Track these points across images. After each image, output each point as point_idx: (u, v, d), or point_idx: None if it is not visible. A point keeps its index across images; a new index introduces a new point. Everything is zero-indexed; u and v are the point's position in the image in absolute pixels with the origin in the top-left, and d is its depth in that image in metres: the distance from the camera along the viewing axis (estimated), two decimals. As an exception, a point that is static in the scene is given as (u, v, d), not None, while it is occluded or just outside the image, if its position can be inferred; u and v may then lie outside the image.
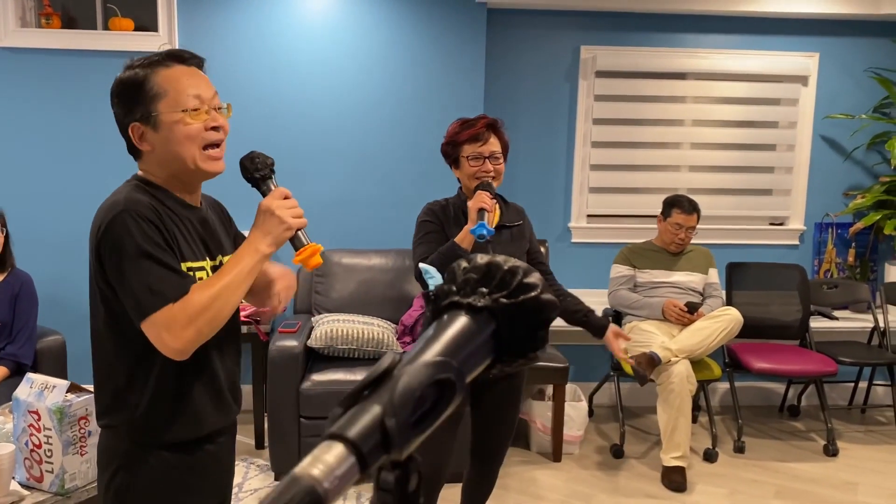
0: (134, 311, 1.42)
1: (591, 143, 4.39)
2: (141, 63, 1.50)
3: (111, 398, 1.51)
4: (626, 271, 3.87)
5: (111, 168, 3.98)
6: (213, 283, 1.44)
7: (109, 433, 1.54)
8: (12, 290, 3.13)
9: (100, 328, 1.51)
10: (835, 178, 4.56)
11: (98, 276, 1.47)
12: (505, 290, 0.67)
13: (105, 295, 1.47)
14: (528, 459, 3.71)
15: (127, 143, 1.54)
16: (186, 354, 1.42)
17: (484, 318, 0.66)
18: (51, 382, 2.12)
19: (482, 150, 2.37)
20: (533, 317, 0.67)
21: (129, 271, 1.40)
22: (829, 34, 4.41)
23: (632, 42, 4.32)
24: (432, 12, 3.99)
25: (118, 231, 1.41)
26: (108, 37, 3.87)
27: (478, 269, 0.68)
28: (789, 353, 3.98)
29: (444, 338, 0.63)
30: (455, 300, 0.67)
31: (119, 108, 1.51)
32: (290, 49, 3.97)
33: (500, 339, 0.67)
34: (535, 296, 0.67)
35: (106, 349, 1.51)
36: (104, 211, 1.45)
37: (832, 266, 4.60)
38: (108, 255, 1.42)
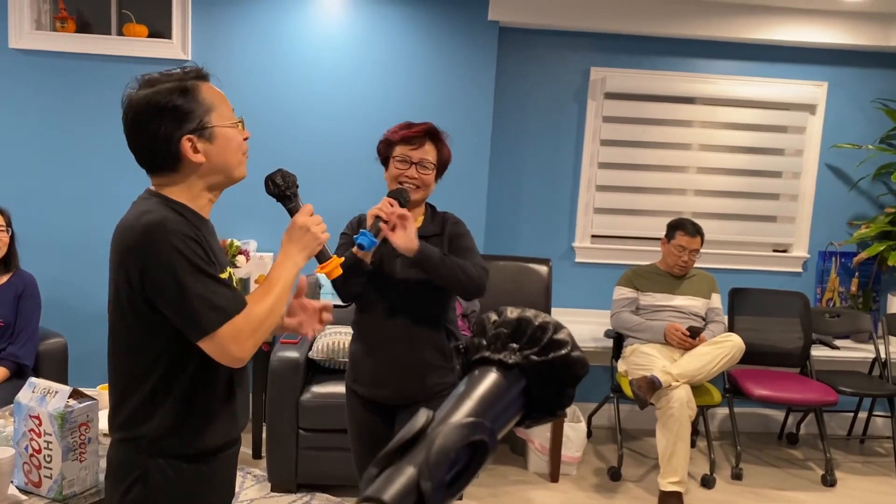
0: (193, 329, 1.45)
1: (598, 164, 4.41)
2: (177, 78, 1.53)
3: (133, 411, 1.53)
4: (629, 294, 3.87)
5: (119, 172, 4.00)
6: (266, 294, 1.52)
7: (127, 446, 1.55)
8: (16, 290, 3.13)
9: (126, 343, 1.53)
10: (840, 208, 4.57)
11: (133, 295, 1.48)
12: (535, 346, 0.67)
13: (140, 312, 1.49)
14: (525, 479, 3.70)
15: (157, 157, 1.53)
16: (244, 363, 1.51)
17: (514, 375, 0.66)
18: (53, 388, 2.12)
19: (411, 155, 2.23)
20: (563, 374, 0.67)
21: (186, 291, 1.43)
22: (838, 64, 4.43)
23: (642, 65, 4.35)
24: (445, 29, 4.02)
25: (167, 251, 1.43)
26: (122, 42, 3.90)
27: (508, 323, 0.68)
28: (790, 380, 3.98)
29: (476, 395, 0.63)
30: (486, 356, 0.67)
31: (166, 123, 1.50)
32: (301, 60, 3.99)
33: (530, 396, 0.67)
34: (566, 353, 0.67)
35: (131, 364, 1.53)
36: (141, 231, 1.45)
37: (835, 295, 4.60)
38: (157, 275, 1.44)
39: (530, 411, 0.67)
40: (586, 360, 0.69)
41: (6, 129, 3.90)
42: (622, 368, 3.80)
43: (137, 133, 1.53)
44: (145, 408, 1.52)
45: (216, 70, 4.19)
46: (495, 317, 0.69)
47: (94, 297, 4.03)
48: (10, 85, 3.88)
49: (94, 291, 4.03)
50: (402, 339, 2.24)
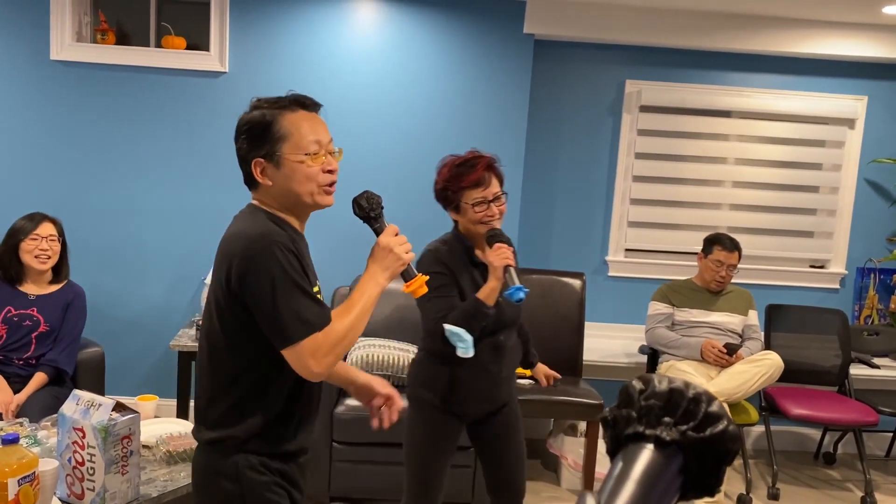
0: (278, 336, 1.54)
1: (633, 178, 4.37)
2: (269, 105, 1.66)
3: (226, 412, 1.61)
4: (664, 309, 3.82)
5: (155, 183, 4.03)
6: (348, 312, 1.58)
7: (217, 447, 1.63)
8: (66, 298, 3.19)
9: (224, 347, 1.61)
10: (879, 223, 4.49)
11: (232, 301, 1.56)
12: (691, 421, 0.65)
13: (237, 316, 1.57)
14: (558, 496, 3.67)
15: (245, 174, 1.68)
16: (323, 378, 1.59)
17: (671, 452, 0.64)
18: (97, 400, 2.13)
19: (486, 194, 2.26)
20: (720, 451, 0.65)
21: (279, 300, 1.52)
22: (878, 78, 4.36)
23: (677, 78, 4.31)
24: (481, 42, 4.01)
25: (269, 262, 1.53)
26: (161, 54, 3.94)
27: (659, 395, 0.66)
28: (828, 399, 3.90)
29: (635, 475, 0.61)
30: (640, 431, 0.65)
31: (244, 144, 1.65)
32: (337, 72, 4.01)
33: (688, 474, 0.65)
34: (723, 429, 0.65)
35: (227, 366, 1.61)
36: (247, 241, 1.55)
37: (873, 312, 4.52)
38: (256, 283, 1.53)
39: (686, 490, 0.65)
40: (740, 434, 0.67)
41: (46, 140, 3.96)
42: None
43: (235, 148, 1.68)
44: (238, 409, 1.60)
45: (253, 82, 4.25)
46: (641, 386, 0.67)
47: (128, 306, 4.07)
48: (52, 96, 3.93)
49: (128, 300, 4.07)
50: (501, 361, 2.36)
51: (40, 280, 3.17)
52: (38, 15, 3.86)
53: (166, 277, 4.08)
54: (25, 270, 3.14)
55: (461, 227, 2.36)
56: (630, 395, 0.67)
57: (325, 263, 4.12)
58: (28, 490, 1.96)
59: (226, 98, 3.99)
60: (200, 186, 4.04)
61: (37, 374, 3.06)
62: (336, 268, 4.10)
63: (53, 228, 3.18)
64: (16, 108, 3.93)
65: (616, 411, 0.67)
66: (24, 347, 3.08)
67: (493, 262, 2.20)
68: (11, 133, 3.94)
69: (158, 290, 4.09)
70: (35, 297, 3.14)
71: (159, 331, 4.07)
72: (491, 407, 2.41)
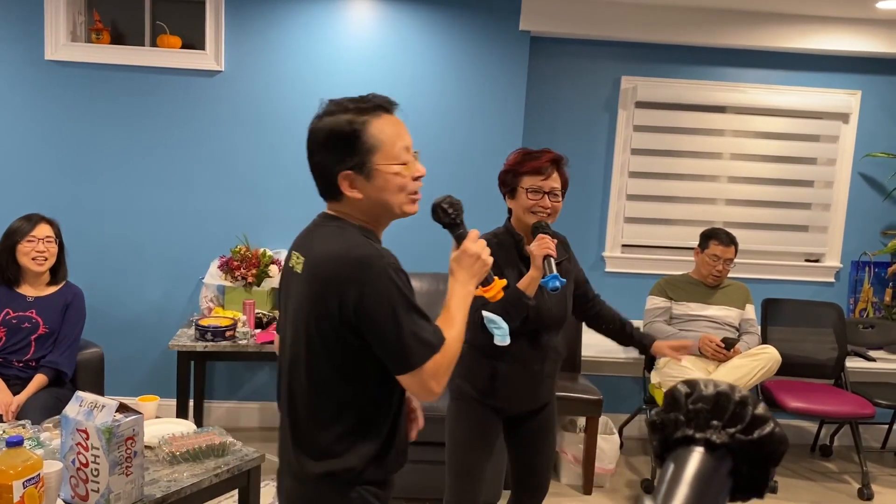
0: (401, 362, 1.45)
1: (629, 173, 4.39)
2: (353, 111, 1.52)
3: (335, 442, 1.52)
4: (662, 303, 3.84)
5: (153, 182, 4.02)
6: (452, 325, 1.52)
7: (330, 481, 1.53)
8: (65, 300, 3.17)
9: (333, 375, 1.51)
10: (873, 217, 4.52)
11: (341, 326, 1.46)
12: (739, 424, 0.66)
13: (348, 343, 1.48)
14: (559, 491, 3.68)
15: (325, 186, 1.56)
16: (438, 398, 1.50)
17: (720, 455, 0.65)
18: (100, 402, 2.13)
19: (543, 185, 2.28)
20: (769, 453, 0.67)
21: (400, 326, 1.43)
22: (871, 72, 4.38)
23: (672, 74, 4.32)
24: (476, 39, 4.01)
25: (386, 286, 1.44)
26: (156, 53, 3.93)
27: (707, 399, 0.67)
28: (825, 392, 3.93)
29: (687, 478, 0.62)
30: (689, 434, 0.65)
31: (328, 156, 1.52)
32: (332, 70, 4.00)
33: (737, 477, 0.66)
34: (771, 431, 0.66)
35: (338, 394, 1.52)
36: (357, 263, 1.45)
37: (868, 305, 4.55)
38: (375, 310, 1.43)
39: (735, 492, 0.66)
40: (787, 437, 0.68)
41: (42, 140, 3.94)
42: (655, 380, 3.77)
43: (310, 159, 1.56)
44: (350, 437, 1.51)
45: (248, 81, 4.24)
46: (687, 390, 0.68)
47: (126, 306, 4.06)
48: (47, 96, 3.91)
49: (126, 300, 4.06)
50: (543, 360, 2.35)
51: (38, 282, 3.16)
52: (32, 15, 3.84)
53: (164, 277, 4.07)
54: (23, 272, 3.13)
55: (513, 219, 2.37)
56: (677, 399, 0.68)
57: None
58: (33, 492, 1.97)
59: (222, 97, 3.98)
60: (197, 186, 4.03)
61: (36, 375, 3.05)
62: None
63: (50, 230, 3.16)
64: (11, 109, 3.91)
65: (664, 415, 0.68)
66: (24, 350, 3.07)
67: (533, 251, 2.19)
68: (7, 133, 3.92)
69: (156, 290, 4.08)
70: (34, 299, 3.13)
71: (158, 331, 4.06)
72: (530, 405, 2.40)
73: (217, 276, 3.84)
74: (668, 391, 0.69)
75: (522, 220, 2.32)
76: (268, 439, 4.02)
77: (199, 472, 2.33)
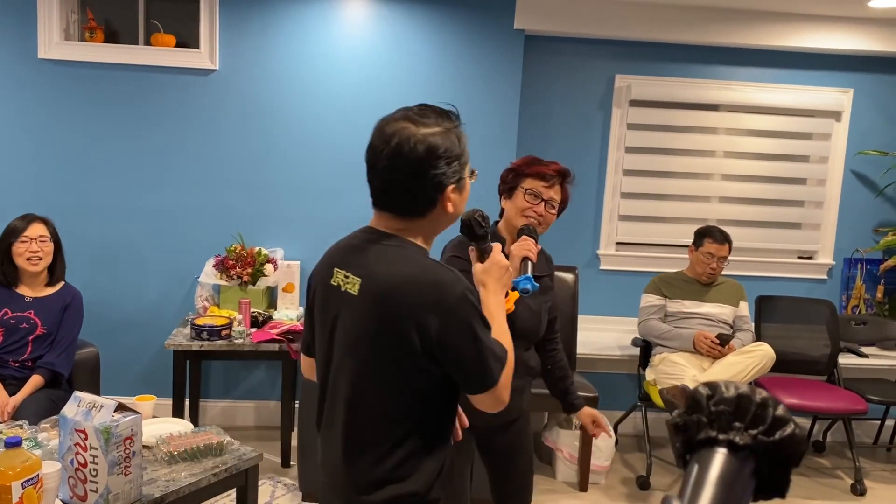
0: (482, 381, 1.44)
1: (623, 171, 4.40)
2: (449, 121, 1.51)
3: (399, 465, 1.46)
4: (656, 301, 3.86)
5: (147, 181, 4.01)
6: (503, 335, 1.52)
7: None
8: (63, 301, 3.17)
9: (404, 401, 1.46)
10: (865, 214, 4.55)
11: (418, 351, 1.41)
12: (761, 425, 0.67)
13: (422, 368, 1.43)
14: (554, 488, 3.70)
15: (424, 201, 1.47)
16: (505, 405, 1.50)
17: (743, 456, 0.67)
18: (98, 402, 2.13)
19: (543, 191, 2.25)
20: (790, 453, 0.68)
21: (482, 346, 1.42)
22: (864, 71, 4.41)
23: (666, 72, 4.34)
24: (471, 37, 4.02)
25: (467, 311, 1.41)
26: (150, 52, 3.92)
27: (728, 401, 0.68)
28: (818, 389, 3.96)
29: (712, 478, 0.63)
30: (712, 436, 0.67)
31: (442, 170, 1.45)
32: (327, 69, 4.00)
33: (759, 477, 0.68)
34: (792, 432, 0.67)
35: (410, 420, 1.47)
36: (438, 288, 1.40)
37: (860, 302, 4.58)
38: (457, 332, 1.40)
39: (758, 492, 0.68)
40: (805, 437, 0.70)
41: (35, 140, 3.93)
42: (650, 377, 3.79)
43: (408, 173, 1.44)
44: (413, 460, 1.47)
45: (244, 79, 4.23)
46: (708, 392, 0.69)
47: (122, 306, 4.05)
48: (40, 95, 3.90)
49: (122, 300, 4.05)
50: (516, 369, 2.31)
51: (35, 282, 3.15)
52: (25, 13, 3.82)
53: (159, 276, 4.07)
54: (20, 273, 3.12)
55: (503, 222, 2.34)
56: (698, 401, 0.69)
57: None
58: (32, 493, 1.96)
59: (216, 96, 3.98)
60: (191, 185, 4.02)
61: (33, 376, 3.04)
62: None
63: (44, 229, 3.15)
64: (3, 108, 3.89)
65: (686, 417, 0.69)
66: (21, 350, 3.06)
67: (512, 251, 2.14)
68: (0, 133, 3.90)
69: (151, 290, 4.07)
70: (32, 300, 3.12)
71: (153, 330, 4.06)
72: (498, 420, 2.28)
73: (212, 275, 3.84)
74: (689, 393, 0.71)
75: (512, 221, 2.28)
76: (263, 438, 4.03)
77: (197, 471, 2.33)
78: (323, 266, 1.59)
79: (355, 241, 1.54)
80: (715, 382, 0.70)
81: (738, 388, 0.69)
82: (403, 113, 1.52)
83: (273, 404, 4.19)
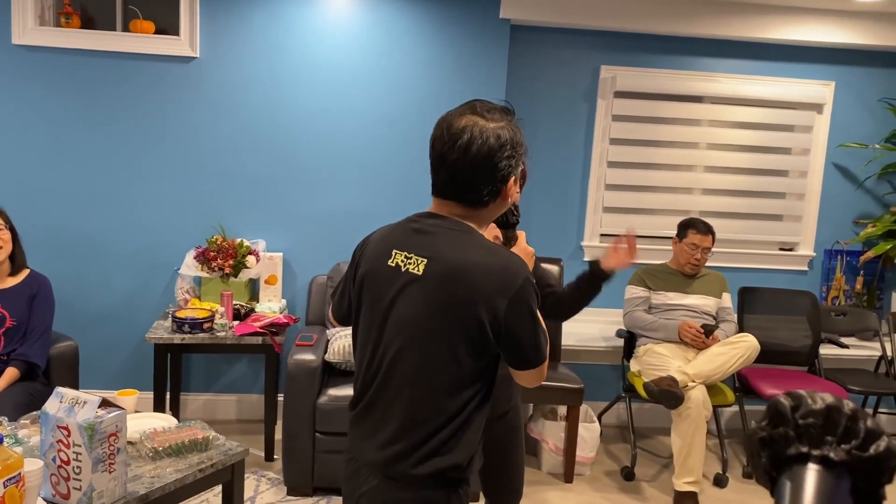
0: (532, 360, 1.53)
1: (608, 163, 4.39)
2: (511, 114, 1.58)
3: (443, 442, 1.52)
4: (641, 292, 3.86)
5: (125, 170, 3.93)
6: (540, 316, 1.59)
7: (439, 480, 1.53)
8: (30, 291, 3.08)
9: (463, 378, 1.51)
10: (846, 206, 4.59)
11: (482, 334, 1.48)
12: (853, 439, 0.64)
13: (478, 351, 1.50)
14: (539, 480, 3.70)
15: (492, 190, 1.53)
16: None
17: (839, 472, 0.63)
18: (81, 398, 2.07)
19: None
20: (885, 468, 0.64)
21: (537, 330, 1.52)
22: (845, 63, 4.44)
23: (651, 64, 4.33)
24: (456, 26, 3.98)
25: (530, 295, 1.50)
26: (128, 39, 3.83)
27: (817, 413, 0.64)
28: (800, 380, 3.99)
29: (809, 497, 0.60)
30: (804, 451, 0.63)
31: (513, 158, 1.53)
32: (309, 57, 3.94)
33: (857, 495, 0.64)
34: (888, 446, 0.64)
35: (463, 397, 1.52)
36: (508, 274, 1.48)
37: (840, 293, 4.63)
38: (521, 318, 1.49)
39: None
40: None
41: (9, 127, 3.82)
42: (635, 368, 3.80)
43: (480, 165, 1.50)
44: (458, 434, 1.53)
45: (225, 67, 4.15)
46: (792, 403, 0.65)
47: (99, 298, 3.97)
48: (14, 82, 3.79)
49: (99, 291, 3.97)
50: None
51: None
52: (-2, -2, 3.72)
53: (138, 267, 3.99)
54: None
55: None
56: (782, 413, 0.66)
57: (303, 253, 4.08)
58: (14, 492, 1.91)
59: (197, 84, 3.90)
60: (171, 174, 3.95)
61: (8, 369, 2.96)
62: (312, 258, 4.07)
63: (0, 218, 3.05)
64: (-24, 95, 3.79)
65: (772, 430, 0.65)
66: (-7, 344, 2.98)
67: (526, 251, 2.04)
68: (-28, 121, 3.80)
69: (131, 282, 3.99)
70: None
71: (132, 322, 3.98)
72: (492, 412, 2.31)
73: (193, 266, 3.77)
74: (771, 404, 0.68)
75: None
76: (246, 432, 3.98)
77: (182, 467, 2.29)
78: (378, 248, 1.61)
79: (416, 224, 1.58)
80: (798, 393, 0.67)
81: (825, 399, 0.66)
82: (470, 107, 1.57)
83: (256, 398, 4.14)
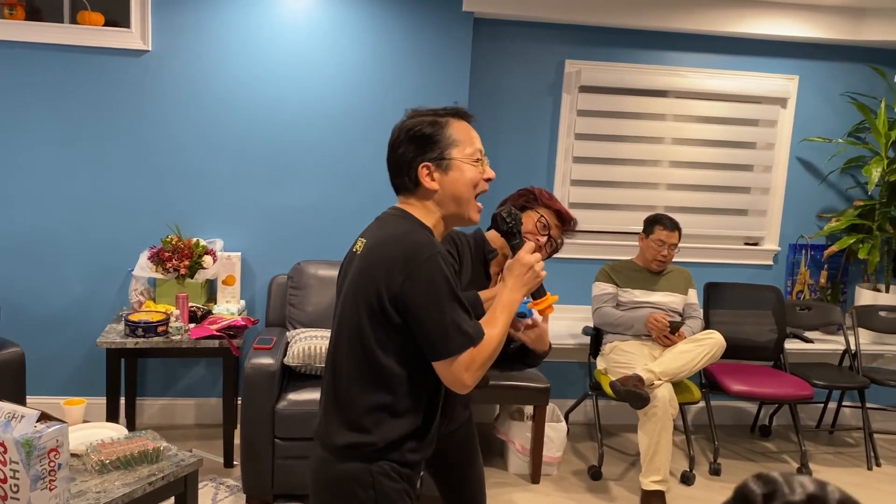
0: (438, 348, 1.53)
1: (573, 158, 4.34)
2: (433, 113, 1.70)
3: (364, 417, 1.59)
4: (609, 289, 3.82)
5: (72, 168, 3.78)
6: (495, 325, 1.59)
7: (351, 453, 1.60)
8: None
9: (371, 352, 1.57)
10: (810, 201, 4.60)
11: (385, 306, 1.54)
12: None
13: (393, 323, 1.55)
14: (506, 481, 3.64)
15: (403, 176, 1.67)
16: (468, 391, 1.58)
17: None
18: (19, 412, 1.96)
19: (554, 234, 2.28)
20: None
21: (444, 313, 1.51)
22: (809, 58, 4.44)
23: (616, 58, 4.29)
24: (419, 19, 3.89)
25: (433, 273, 1.52)
26: (76, 31, 3.67)
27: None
28: (765, 375, 3.99)
29: None
30: None
31: (409, 148, 1.65)
32: (268, 51, 3.82)
33: None
34: None
35: (373, 372, 1.58)
36: (410, 247, 1.54)
37: (805, 287, 4.64)
38: (420, 292, 1.51)
39: None
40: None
41: (-50, 124, 3.65)
42: (601, 366, 3.76)
43: (390, 154, 1.69)
44: (376, 416, 1.59)
45: (178, 61, 4.01)
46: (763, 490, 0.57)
47: (46, 301, 3.82)
48: (-46, 76, 3.62)
49: (46, 295, 3.81)
50: None
51: None
52: (-64, -13, 3.54)
53: (87, 269, 3.84)
54: None
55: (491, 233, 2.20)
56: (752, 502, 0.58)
57: (262, 252, 3.97)
58: (-56, 514, 1.79)
59: (149, 78, 3.76)
60: (123, 172, 3.80)
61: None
62: (271, 257, 3.96)
63: None
64: (-86, 90, 3.61)
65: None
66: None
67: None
68: (-90, 117, 3.62)
69: (81, 284, 3.85)
70: None
71: (84, 327, 3.84)
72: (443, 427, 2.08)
73: (147, 267, 3.64)
74: (737, 489, 0.59)
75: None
76: (205, 437, 3.86)
77: (131, 480, 2.19)
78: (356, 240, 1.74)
79: (381, 215, 1.72)
80: (770, 476, 0.59)
81: (805, 487, 0.58)
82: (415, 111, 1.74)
83: (214, 401, 4.02)
